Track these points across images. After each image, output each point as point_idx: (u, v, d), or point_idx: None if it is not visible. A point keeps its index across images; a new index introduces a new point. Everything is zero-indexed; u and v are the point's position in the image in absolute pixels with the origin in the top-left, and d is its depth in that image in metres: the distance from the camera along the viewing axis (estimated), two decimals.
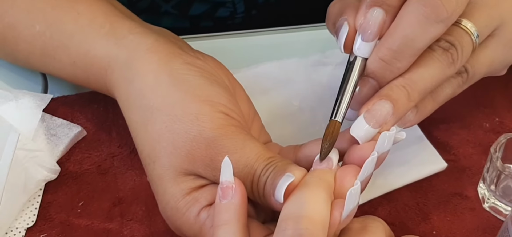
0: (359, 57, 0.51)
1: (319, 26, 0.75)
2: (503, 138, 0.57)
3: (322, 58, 0.70)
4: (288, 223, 0.44)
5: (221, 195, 0.47)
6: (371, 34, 0.50)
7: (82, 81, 0.60)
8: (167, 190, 0.51)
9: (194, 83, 0.52)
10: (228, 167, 0.47)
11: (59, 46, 0.58)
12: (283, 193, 0.45)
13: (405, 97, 0.51)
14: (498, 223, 0.57)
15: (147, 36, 0.56)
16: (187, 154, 0.50)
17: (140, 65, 0.54)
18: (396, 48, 0.49)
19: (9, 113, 0.60)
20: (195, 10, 0.80)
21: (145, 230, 0.56)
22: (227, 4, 0.80)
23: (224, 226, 0.46)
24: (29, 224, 0.56)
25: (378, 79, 0.51)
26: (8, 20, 0.60)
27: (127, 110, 0.54)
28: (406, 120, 0.53)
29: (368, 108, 0.51)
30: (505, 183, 0.57)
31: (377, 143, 0.49)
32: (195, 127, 0.50)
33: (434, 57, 0.51)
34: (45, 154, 0.59)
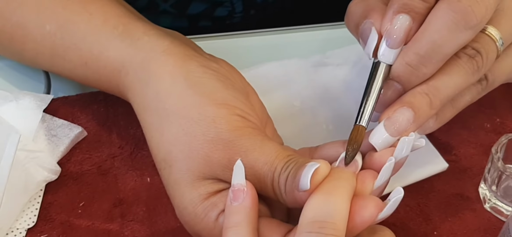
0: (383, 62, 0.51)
1: (319, 27, 0.75)
2: (504, 139, 0.57)
3: (323, 58, 0.69)
4: (314, 226, 0.44)
5: (232, 198, 0.47)
6: (397, 40, 0.50)
7: (92, 82, 0.59)
8: (185, 195, 0.50)
9: (210, 86, 0.52)
10: (240, 170, 0.47)
11: (70, 47, 0.58)
12: (309, 180, 0.45)
13: (427, 105, 0.50)
14: (499, 223, 0.57)
15: (162, 38, 0.55)
16: (205, 157, 0.49)
17: (155, 67, 0.53)
18: (424, 53, 0.49)
19: (10, 114, 0.60)
20: (193, 9, 0.80)
21: (146, 230, 0.56)
22: (225, 4, 0.80)
23: (234, 228, 0.46)
24: (29, 224, 0.56)
25: (403, 83, 0.51)
26: (16, 19, 0.59)
27: (142, 112, 0.54)
28: (426, 127, 0.53)
29: (389, 115, 0.50)
30: (506, 184, 0.57)
31: (396, 149, 0.49)
32: (212, 130, 0.49)
33: (460, 65, 0.51)
34: (45, 154, 0.58)
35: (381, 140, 0.50)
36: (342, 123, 0.64)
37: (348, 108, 0.65)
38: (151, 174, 0.60)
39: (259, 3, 0.82)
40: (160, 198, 0.58)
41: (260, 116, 0.54)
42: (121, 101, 0.65)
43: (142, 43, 0.55)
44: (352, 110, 0.65)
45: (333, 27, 0.75)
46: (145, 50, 0.55)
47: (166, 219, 0.57)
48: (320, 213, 0.44)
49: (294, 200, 0.47)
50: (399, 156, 0.49)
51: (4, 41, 0.61)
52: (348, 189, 0.46)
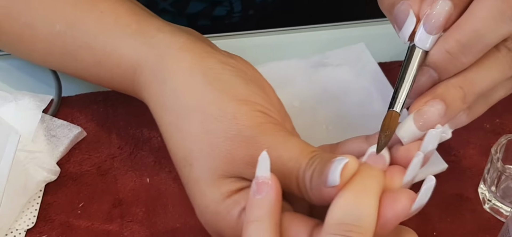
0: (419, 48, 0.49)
1: (318, 27, 0.75)
2: (503, 139, 0.57)
3: (322, 58, 0.70)
4: (340, 228, 0.42)
5: (256, 190, 0.45)
6: (436, 26, 0.48)
7: (105, 82, 0.58)
8: (206, 194, 0.49)
9: (230, 82, 0.51)
10: (265, 161, 0.45)
11: (82, 46, 0.57)
12: (339, 175, 0.43)
13: (460, 99, 0.49)
14: (499, 224, 0.57)
15: (177, 35, 0.54)
16: (227, 154, 0.48)
17: (172, 64, 0.52)
18: (465, 42, 0.48)
19: (9, 115, 0.60)
20: (192, 9, 0.80)
21: (145, 231, 0.56)
22: (224, 3, 0.80)
23: (256, 223, 0.45)
24: (29, 225, 0.56)
25: (440, 71, 0.49)
26: (25, 19, 0.58)
27: (159, 111, 0.53)
28: (458, 122, 0.52)
29: (419, 107, 0.49)
30: (505, 184, 0.57)
31: (423, 143, 0.47)
32: (234, 127, 0.48)
33: (498, 58, 0.49)
34: (45, 155, 0.58)
35: (409, 133, 0.49)
36: (342, 123, 0.64)
37: (347, 108, 0.65)
38: (150, 174, 0.60)
39: (258, 3, 0.83)
40: (159, 198, 0.58)
41: (280, 111, 0.53)
42: (120, 102, 0.65)
43: (157, 40, 0.54)
44: (352, 110, 0.65)
45: (333, 28, 0.75)
46: (160, 48, 0.54)
47: (165, 220, 0.57)
48: (348, 215, 0.43)
49: (320, 196, 0.45)
50: (426, 150, 0.48)
51: (13, 42, 0.60)
52: (378, 190, 0.44)
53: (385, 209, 0.43)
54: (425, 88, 0.50)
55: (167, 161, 0.61)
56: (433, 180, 0.44)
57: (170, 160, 0.60)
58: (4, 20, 0.59)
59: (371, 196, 0.44)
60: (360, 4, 0.81)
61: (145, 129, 0.63)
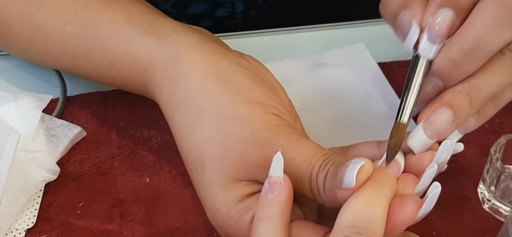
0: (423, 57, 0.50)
1: (318, 27, 0.75)
2: (503, 139, 0.57)
3: (322, 59, 0.70)
4: (350, 230, 0.43)
5: (268, 189, 0.46)
6: (439, 35, 0.49)
7: (117, 82, 0.58)
8: (218, 197, 0.49)
9: (243, 84, 0.51)
10: (279, 162, 0.46)
11: (94, 47, 0.57)
12: (355, 177, 0.43)
13: (468, 105, 0.49)
14: (498, 224, 0.57)
15: (190, 34, 0.54)
16: (240, 157, 0.48)
17: (186, 64, 0.52)
18: (468, 49, 0.48)
19: (9, 114, 0.60)
20: (194, 10, 0.80)
21: (145, 231, 0.56)
22: (226, 4, 0.80)
23: (266, 221, 0.45)
24: (29, 225, 0.56)
25: (444, 79, 0.50)
26: (36, 22, 0.58)
27: (171, 111, 0.53)
28: (467, 127, 0.52)
29: (428, 116, 0.50)
30: (505, 184, 0.57)
31: (437, 154, 0.48)
32: (247, 129, 0.48)
33: (503, 62, 0.49)
34: (45, 155, 0.58)
35: (420, 143, 0.49)
36: (342, 123, 0.64)
37: (347, 108, 0.65)
38: (150, 174, 0.60)
39: (260, 4, 0.83)
40: (159, 198, 0.58)
41: (291, 112, 0.53)
42: (120, 102, 0.65)
43: (170, 39, 0.54)
44: (351, 110, 0.65)
45: (332, 28, 0.75)
46: (173, 47, 0.53)
47: (165, 220, 0.57)
48: (359, 218, 0.43)
49: (333, 198, 0.45)
50: (439, 161, 0.48)
51: (25, 45, 0.60)
52: (390, 196, 0.45)
53: (393, 215, 0.44)
54: (431, 96, 0.51)
55: (166, 161, 0.61)
56: (438, 187, 0.45)
57: (170, 159, 0.61)
58: (15, 23, 0.59)
59: (383, 201, 0.44)
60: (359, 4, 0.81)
61: (145, 129, 0.63)
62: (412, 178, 0.48)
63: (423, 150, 0.50)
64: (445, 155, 0.48)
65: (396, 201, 0.44)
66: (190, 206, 0.58)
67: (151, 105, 0.64)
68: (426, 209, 0.45)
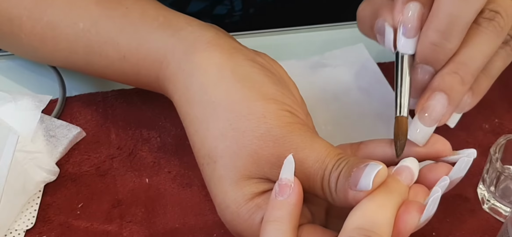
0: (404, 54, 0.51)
1: (318, 27, 0.75)
2: (502, 139, 0.57)
3: (321, 59, 0.70)
4: (359, 232, 0.43)
5: (278, 191, 0.46)
6: (412, 29, 0.50)
7: (130, 77, 0.58)
8: (228, 194, 0.49)
9: (258, 80, 0.51)
10: (290, 164, 0.46)
11: (107, 42, 0.56)
12: (372, 181, 0.44)
13: (459, 83, 0.50)
14: (498, 224, 0.57)
15: (206, 29, 0.54)
16: (253, 154, 0.48)
17: (201, 58, 0.52)
18: (444, 28, 0.49)
19: (8, 115, 0.60)
20: (192, 8, 0.80)
21: (145, 231, 0.56)
22: (225, 2, 0.80)
23: (275, 223, 0.45)
24: (28, 226, 0.56)
25: (432, 63, 0.50)
26: (47, 19, 0.58)
27: (184, 105, 0.52)
28: (464, 105, 0.53)
29: (423, 105, 0.50)
30: (504, 184, 0.57)
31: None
32: (262, 125, 0.48)
33: (481, 31, 0.50)
34: (44, 155, 0.58)
35: (420, 134, 0.50)
36: (341, 123, 0.64)
37: (346, 108, 0.65)
38: (149, 175, 0.60)
39: (259, 2, 0.82)
40: (158, 199, 0.58)
41: (303, 110, 0.54)
42: (119, 102, 0.65)
43: (185, 33, 0.54)
44: (351, 110, 0.65)
45: (332, 28, 0.75)
46: (189, 41, 0.53)
47: (164, 220, 0.57)
48: (368, 222, 0.43)
49: (345, 199, 0.46)
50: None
51: (35, 43, 0.60)
52: (399, 204, 0.45)
53: (398, 221, 0.45)
54: (424, 84, 0.51)
55: (166, 162, 0.61)
56: (438, 191, 0.45)
57: (169, 160, 0.61)
58: (26, 21, 0.59)
59: (392, 208, 0.45)
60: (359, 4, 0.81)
61: (144, 129, 0.63)
62: (423, 189, 0.48)
63: (426, 141, 0.50)
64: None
65: (401, 208, 0.45)
66: (189, 207, 0.58)
67: (151, 105, 0.64)
68: (428, 214, 0.45)
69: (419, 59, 0.51)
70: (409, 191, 0.48)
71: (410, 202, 0.46)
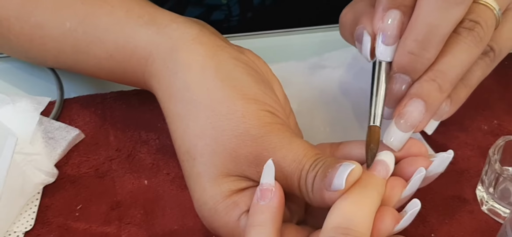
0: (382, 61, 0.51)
1: (316, 29, 0.75)
2: (501, 141, 0.57)
3: (320, 61, 0.70)
4: (337, 231, 0.44)
5: (260, 196, 0.47)
6: (391, 37, 0.50)
7: (118, 75, 0.58)
8: (206, 191, 0.50)
9: (241, 80, 0.51)
10: (270, 169, 0.47)
11: (94, 41, 0.57)
12: (345, 181, 0.45)
13: (437, 90, 0.50)
14: (497, 225, 0.57)
15: (191, 26, 0.54)
16: (231, 152, 0.49)
17: (185, 56, 0.52)
18: (422, 38, 0.49)
19: (7, 117, 0.60)
20: (189, 14, 0.80)
21: (143, 233, 0.56)
22: (222, 7, 0.80)
23: (258, 227, 0.46)
24: (27, 228, 0.56)
25: (410, 73, 0.50)
26: (35, 20, 0.59)
27: (167, 101, 0.53)
28: (442, 113, 0.53)
29: (400, 111, 0.50)
30: (503, 186, 0.57)
31: (432, 165, 0.49)
32: (241, 125, 0.49)
33: (460, 41, 0.50)
34: (43, 157, 0.58)
35: (396, 139, 0.50)
36: (340, 125, 0.64)
37: (345, 110, 0.65)
38: (148, 176, 0.60)
39: (256, 6, 0.82)
40: (157, 201, 0.58)
41: (285, 109, 0.54)
42: (118, 104, 0.65)
43: (170, 30, 0.54)
44: (350, 112, 0.65)
45: (330, 30, 0.75)
46: (174, 38, 0.54)
47: (163, 222, 0.57)
48: (346, 220, 0.44)
49: (321, 199, 0.46)
50: (434, 172, 0.49)
51: (24, 44, 0.60)
52: (377, 200, 0.46)
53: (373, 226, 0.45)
54: (400, 93, 0.51)
55: (165, 163, 0.61)
56: (418, 205, 0.46)
57: (168, 162, 0.61)
58: (14, 22, 0.59)
59: (370, 204, 0.45)
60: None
61: (143, 131, 0.63)
62: (400, 182, 0.48)
63: (401, 146, 0.50)
64: (440, 167, 0.49)
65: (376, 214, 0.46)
66: (188, 209, 0.58)
67: (150, 107, 0.64)
68: (403, 225, 0.46)
69: (397, 67, 0.51)
70: (387, 184, 0.48)
71: (385, 209, 0.46)
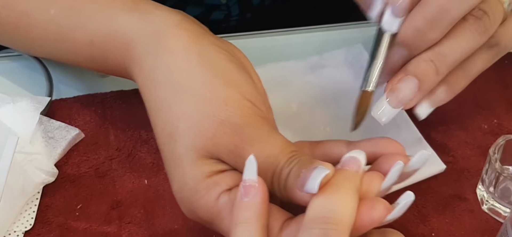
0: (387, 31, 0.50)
1: (316, 28, 0.75)
2: (501, 140, 0.57)
3: (320, 60, 0.70)
4: (316, 222, 0.44)
5: (243, 193, 0.46)
6: (401, 9, 0.50)
7: (98, 62, 0.58)
8: (187, 172, 0.50)
9: (223, 66, 0.52)
10: (252, 165, 0.46)
11: (76, 28, 0.57)
12: (318, 185, 0.44)
13: (433, 72, 0.50)
14: (497, 225, 0.57)
15: (174, 13, 0.55)
16: (212, 137, 0.49)
17: (168, 41, 0.53)
18: (432, 17, 0.49)
19: (7, 116, 0.60)
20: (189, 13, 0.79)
21: (144, 233, 0.56)
22: (222, 7, 0.80)
23: (244, 224, 0.46)
24: (27, 227, 0.56)
25: (410, 48, 0.50)
26: (21, 7, 0.59)
27: (150, 85, 0.53)
28: (438, 99, 0.53)
29: (392, 86, 0.50)
30: (504, 185, 0.57)
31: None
32: (223, 112, 0.49)
33: (466, 27, 0.50)
34: (43, 157, 0.58)
35: (385, 113, 0.50)
36: (340, 124, 0.64)
37: (345, 109, 0.65)
38: (148, 176, 0.60)
39: (256, 6, 0.82)
40: (157, 200, 0.58)
41: (265, 103, 0.54)
42: (118, 103, 0.65)
43: (153, 16, 0.55)
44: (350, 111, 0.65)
45: (330, 29, 0.75)
46: (156, 24, 0.54)
47: (163, 221, 0.57)
48: (322, 210, 0.44)
49: (293, 197, 0.47)
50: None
51: (10, 32, 0.61)
52: (350, 186, 0.46)
53: (361, 214, 0.45)
54: (398, 66, 0.51)
55: None
56: (411, 196, 0.46)
57: None
58: (1, 11, 0.60)
59: (343, 191, 0.45)
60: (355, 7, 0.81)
61: (143, 130, 0.63)
62: (378, 175, 0.48)
63: (388, 121, 0.51)
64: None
65: (367, 202, 0.45)
66: None
67: None
68: (395, 215, 0.45)
69: (399, 40, 0.50)
70: (365, 177, 0.48)
71: (377, 199, 0.46)
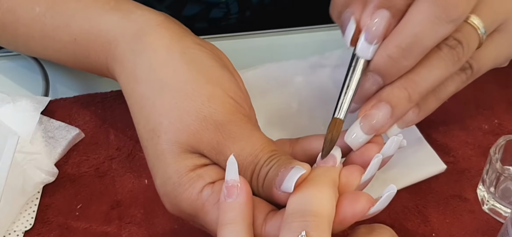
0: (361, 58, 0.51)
1: (316, 28, 0.75)
2: (502, 140, 0.57)
3: (321, 59, 0.69)
4: (295, 216, 0.44)
5: (226, 194, 0.47)
6: (375, 36, 0.50)
7: (81, 61, 0.59)
8: (170, 166, 0.50)
9: (206, 64, 0.52)
10: (233, 165, 0.47)
11: (60, 26, 0.58)
12: (294, 184, 0.45)
13: (406, 99, 0.50)
14: (498, 225, 0.57)
15: (156, 14, 0.56)
16: (195, 133, 0.50)
17: (151, 39, 0.54)
18: (405, 46, 0.49)
19: (7, 116, 0.60)
20: (188, 11, 0.80)
21: (144, 232, 0.56)
22: (221, 5, 0.80)
23: (229, 225, 0.46)
24: (27, 227, 0.56)
25: (383, 75, 0.51)
26: (7, 5, 0.60)
27: (132, 82, 0.54)
28: (408, 121, 0.53)
29: (366, 112, 0.51)
30: (504, 185, 0.57)
31: (384, 147, 0.49)
32: (206, 109, 0.50)
33: (440, 56, 0.50)
34: (43, 156, 0.58)
35: (357, 139, 0.51)
36: None
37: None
38: (148, 176, 0.60)
39: (255, 4, 0.82)
40: (157, 200, 0.58)
41: (246, 101, 0.54)
42: (118, 103, 0.65)
43: (136, 16, 0.55)
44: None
45: (331, 29, 0.75)
46: (139, 23, 0.55)
47: (163, 221, 0.57)
48: (299, 204, 0.45)
49: (270, 196, 0.47)
50: (386, 154, 0.49)
51: None
52: (326, 180, 0.47)
53: (344, 208, 0.46)
54: (371, 93, 0.52)
55: None
56: (394, 189, 0.46)
57: None
58: None
59: (321, 185, 0.46)
60: None
61: None
62: (358, 169, 0.49)
63: (360, 147, 0.51)
64: (391, 149, 0.50)
65: (349, 196, 0.46)
66: None
67: None
68: (378, 208, 0.46)
69: (373, 67, 0.51)
70: (344, 171, 0.48)
71: (359, 192, 0.47)
